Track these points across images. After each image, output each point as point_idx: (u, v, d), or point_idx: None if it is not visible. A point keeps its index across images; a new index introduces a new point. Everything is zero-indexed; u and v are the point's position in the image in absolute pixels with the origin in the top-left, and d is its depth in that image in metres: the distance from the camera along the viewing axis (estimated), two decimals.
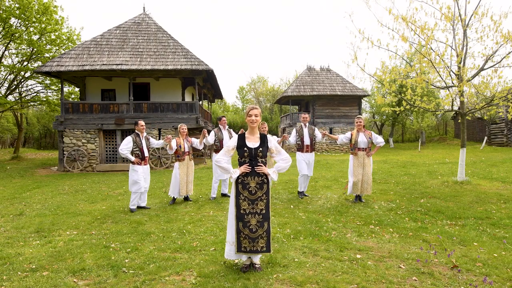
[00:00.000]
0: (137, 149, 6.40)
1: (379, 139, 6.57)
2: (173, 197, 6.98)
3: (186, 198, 7.22)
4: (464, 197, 6.86)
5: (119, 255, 3.92)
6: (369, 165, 6.57)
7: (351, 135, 6.71)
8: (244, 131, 3.69)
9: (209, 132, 7.47)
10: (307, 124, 7.31)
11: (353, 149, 6.65)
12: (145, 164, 6.53)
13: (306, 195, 7.44)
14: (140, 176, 6.39)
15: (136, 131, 6.53)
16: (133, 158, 6.38)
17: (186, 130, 7.01)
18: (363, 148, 6.55)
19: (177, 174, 6.86)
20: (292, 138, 7.31)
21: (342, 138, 6.81)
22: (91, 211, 6.45)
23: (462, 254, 3.81)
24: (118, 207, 6.72)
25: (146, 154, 6.52)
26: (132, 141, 6.34)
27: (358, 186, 6.59)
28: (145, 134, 6.62)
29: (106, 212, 6.33)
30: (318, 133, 7.26)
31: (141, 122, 6.51)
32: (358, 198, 6.78)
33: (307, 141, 7.21)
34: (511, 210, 5.79)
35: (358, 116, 6.68)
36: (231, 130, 7.46)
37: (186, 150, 6.92)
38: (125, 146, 6.27)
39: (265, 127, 7.21)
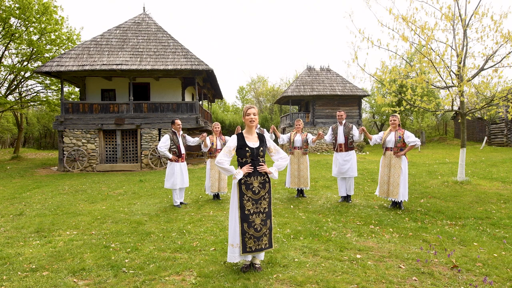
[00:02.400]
0: (174, 146, 6.65)
1: (411, 138, 5.93)
2: (210, 193, 7.16)
3: (217, 196, 7.26)
4: (464, 197, 6.86)
5: (119, 255, 3.92)
6: (397, 166, 6.00)
7: (384, 134, 6.32)
8: (241, 129, 3.69)
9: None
10: (343, 122, 7.00)
11: (383, 149, 6.30)
12: (182, 161, 6.76)
13: (349, 201, 6.77)
14: (177, 173, 6.63)
15: (172, 129, 6.79)
16: (170, 156, 6.62)
17: (220, 128, 7.21)
18: (390, 147, 6.11)
19: (208, 171, 7.07)
20: (328, 137, 7.12)
21: (376, 138, 6.42)
22: (91, 211, 6.45)
23: (462, 254, 3.81)
24: (118, 207, 6.72)
25: (183, 151, 6.76)
26: (169, 139, 6.60)
27: (384, 188, 6.15)
28: (181, 132, 6.84)
29: (106, 212, 6.33)
30: (355, 132, 6.84)
31: (178, 121, 6.74)
32: (394, 204, 6.18)
33: (340, 140, 6.87)
34: (511, 210, 5.79)
35: (394, 114, 6.20)
36: (264, 129, 7.04)
37: (219, 147, 7.11)
38: (163, 144, 6.54)
39: (299, 125, 7.24)
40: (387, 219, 5.34)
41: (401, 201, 6.05)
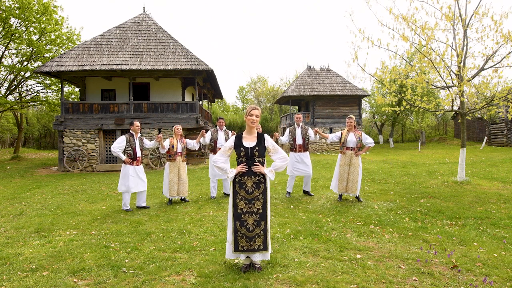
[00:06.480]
0: (129, 148, 6.39)
1: (368, 140, 6.61)
2: (169, 197, 6.94)
3: (183, 200, 7.18)
4: (464, 197, 6.85)
5: (119, 255, 3.92)
6: (356, 165, 6.58)
7: (342, 134, 6.80)
8: (235, 133, 3.72)
9: (207, 131, 7.54)
10: (300, 124, 7.40)
11: (341, 148, 6.76)
12: (137, 165, 6.50)
13: (311, 195, 7.47)
14: (131, 176, 6.37)
15: (131, 131, 6.53)
16: (124, 157, 6.38)
17: (181, 130, 6.99)
18: (351, 147, 6.62)
19: (167, 174, 6.84)
20: (285, 138, 7.42)
21: (333, 137, 6.90)
22: (91, 211, 6.45)
23: (462, 254, 3.81)
24: (118, 207, 6.72)
25: (139, 154, 6.51)
26: (125, 140, 6.35)
27: (343, 185, 6.64)
28: (139, 134, 6.62)
29: (106, 212, 6.33)
30: (311, 133, 7.34)
31: (137, 123, 6.52)
32: (356, 198, 6.79)
33: (299, 141, 7.33)
34: (511, 210, 5.79)
35: (350, 116, 6.76)
36: (229, 131, 7.43)
37: (179, 150, 6.88)
38: (118, 145, 6.28)
39: (259, 129, 7.25)
40: (387, 219, 5.34)
41: (358, 194, 6.72)
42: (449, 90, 8.70)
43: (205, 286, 3.11)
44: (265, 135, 3.57)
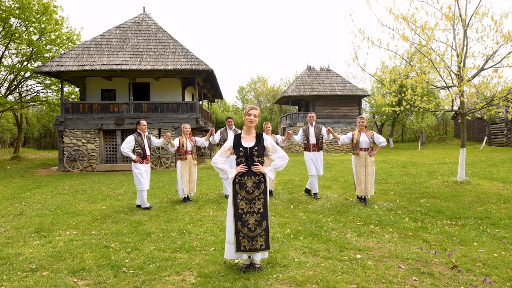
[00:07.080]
0: (139, 147, 6.54)
1: (381, 139, 6.53)
2: (183, 196, 7.09)
3: (187, 198, 7.23)
4: (464, 197, 6.85)
5: (119, 255, 3.92)
6: (371, 165, 6.49)
7: (353, 135, 6.67)
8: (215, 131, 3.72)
9: (217, 131, 7.58)
10: (313, 123, 7.34)
11: (354, 149, 6.62)
12: (147, 163, 6.67)
13: (311, 195, 7.47)
14: (143, 174, 6.56)
15: (138, 130, 6.65)
16: (134, 157, 6.51)
17: (190, 129, 7.11)
18: (365, 148, 6.49)
19: (180, 173, 6.97)
20: (298, 137, 7.43)
21: (344, 138, 6.81)
22: (91, 211, 6.45)
23: (462, 254, 3.81)
24: (118, 207, 6.72)
25: (148, 153, 6.65)
26: (134, 140, 6.50)
27: (361, 187, 6.50)
28: (146, 133, 6.72)
29: (106, 212, 6.33)
30: (325, 132, 7.29)
31: (143, 122, 6.63)
32: (363, 199, 6.63)
33: (312, 140, 7.26)
34: (511, 210, 5.79)
35: (361, 116, 6.67)
36: (238, 130, 7.46)
37: (189, 149, 7.03)
38: (127, 145, 6.42)
39: (269, 127, 7.25)
40: (387, 219, 5.34)
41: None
42: (449, 90, 8.69)
43: (205, 286, 3.11)
44: (264, 134, 3.57)
